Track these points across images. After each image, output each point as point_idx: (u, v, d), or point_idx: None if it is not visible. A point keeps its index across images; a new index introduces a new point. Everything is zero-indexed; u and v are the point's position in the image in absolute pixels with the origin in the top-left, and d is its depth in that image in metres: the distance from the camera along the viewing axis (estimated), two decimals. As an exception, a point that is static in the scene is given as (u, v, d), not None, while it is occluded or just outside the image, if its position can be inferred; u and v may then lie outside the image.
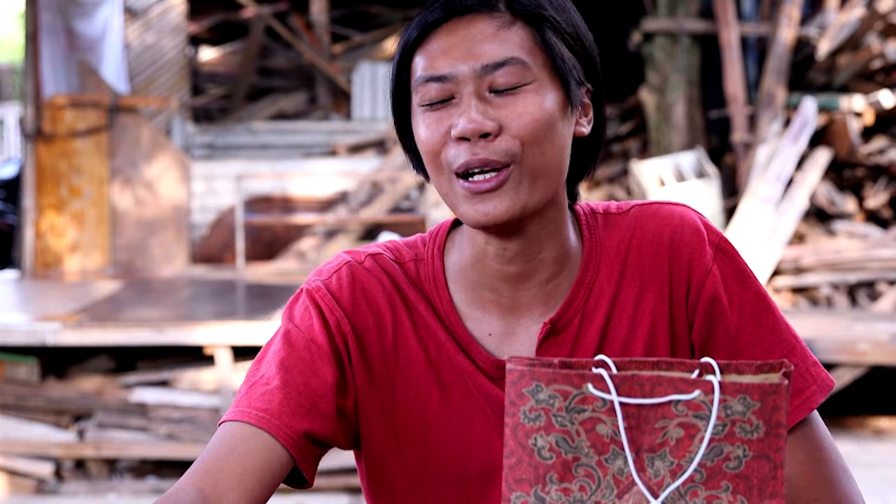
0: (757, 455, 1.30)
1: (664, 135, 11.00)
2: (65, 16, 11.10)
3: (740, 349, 1.58)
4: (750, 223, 9.16)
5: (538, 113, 1.50)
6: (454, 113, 1.51)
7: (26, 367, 6.99)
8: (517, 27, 1.52)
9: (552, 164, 1.52)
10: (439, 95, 1.52)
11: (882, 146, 10.16)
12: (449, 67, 1.51)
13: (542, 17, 1.52)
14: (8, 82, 22.35)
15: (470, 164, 1.50)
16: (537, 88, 1.51)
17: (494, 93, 1.51)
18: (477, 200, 1.51)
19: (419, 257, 1.63)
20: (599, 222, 1.62)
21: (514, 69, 1.50)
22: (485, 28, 1.51)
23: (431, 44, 1.52)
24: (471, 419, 1.59)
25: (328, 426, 1.56)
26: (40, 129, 10.66)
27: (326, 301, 1.59)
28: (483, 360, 1.58)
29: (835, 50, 10.46)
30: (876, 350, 7.29)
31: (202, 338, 6.80)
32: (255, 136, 12.57)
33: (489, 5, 1.52)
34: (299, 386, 1.55)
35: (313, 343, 1.57)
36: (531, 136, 1.50)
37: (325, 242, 10.77)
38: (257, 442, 1.51)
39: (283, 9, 14.36)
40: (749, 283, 1.60)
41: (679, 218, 1.61)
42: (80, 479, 6.87)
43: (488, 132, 1.49)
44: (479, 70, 1.50)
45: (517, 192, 1.50)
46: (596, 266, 1.59)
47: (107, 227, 10.80)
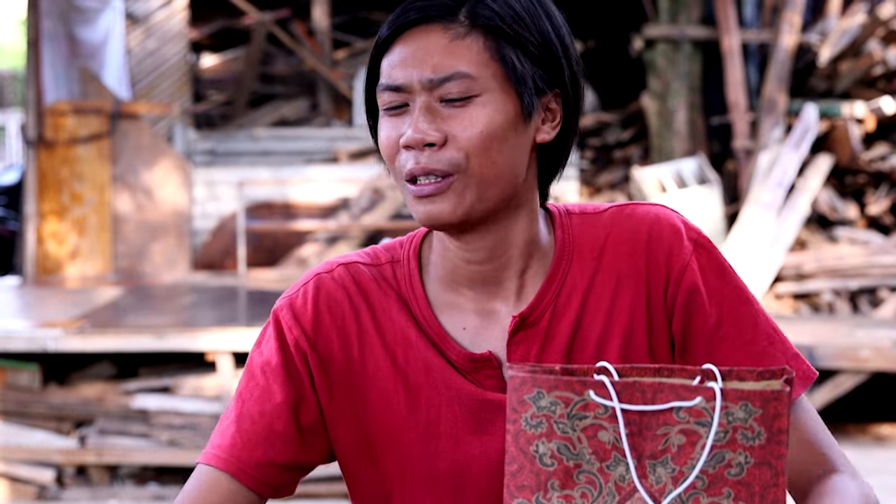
0: (758, 462, 1.30)
1: (666, 141, 11.00)
2: (66, 22, 11.11)
3: (719, 340, 1.59)
4: (751, 229, 9.16)
5: (484, 125, 1.53)
6: (406, 121, 1.56)
7: (28, 373, 6.99)
8: (471, 39, 1.54)
9: (501, 172, 1.55)
10: (395, 103, 1.56)
11: (883, 152, 10.17)
12: (403, 78, 1.55)
13: (498, 29, 1.54)
14: (10, 89, 22.38)
15: (413, 172, 1.54)
16: (486, 101, 1.54)
17: (445, 104, 1.54)
18: (422, 203, 1.55)
19: (395, 259, 1.66)
20: (574, 221, 1.64)
21: (461, 83, 1.53)
22: (438, 39, 1.54)
23: (393, 51, 1.57)
24: (437, 420, 1.60)
25: (288, 447, 1.61)
26: (42, 136, 10.67)
27: (286, 320, 1.63)
28: (455, 354, 1.60)
29: (836, 56, 10.47)
30: (877, 356, 7.28)
31: (204, 344, 6.80)
32: (257, 143, 12.57)
33: (448, 15, 1.55)
34: (254, 415, 1.61)
35: (268, 366, 1.63)
36: (477, 147, 1.53)
37: (326, 249, 10.77)
38: (219, 482, 1.61)
39: (285, 15, 14.37)
40: (728, 276, 1.62)
41: (655, 216, 1.63)
42: (82, 485, 6.87)
43: (433, 142, 1.53)
44: (426, 82, 1.54)
45: (461, 197, 1.54)
46: (568, 263, 1.62)
47: (108, 234, 10.81)
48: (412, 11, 1.56)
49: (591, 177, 11.98)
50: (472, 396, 1.59)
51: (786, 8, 10.47)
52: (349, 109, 13.60)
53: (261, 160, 12.21)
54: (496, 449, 1.57)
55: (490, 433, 1.59)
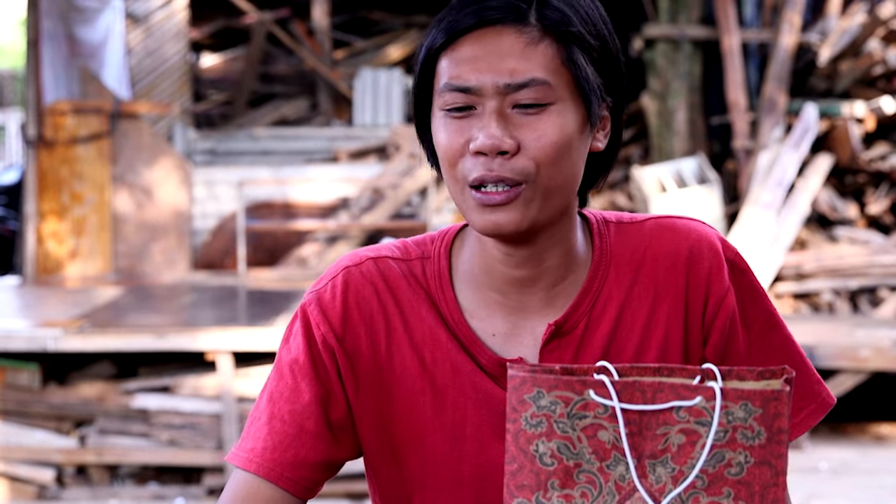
0: (758, 461, 1.30)
1: (666, 141, 11.00)
2: (66, 22, 11.10)
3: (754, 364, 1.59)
4: (751, 229, 9.16)
5: (557, 135, 1.50)
6: (475, 125, 1.51)
7: (27, 373, 6.99)
8: (545, 44, 1.51)
9: (565, 182, 1.53)
10: (460, 104, 1.52)
11: (883, 152, 10.16)
12: (474, 79, 1.50)
13: (571, 35, 1.51)
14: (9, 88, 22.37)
15: (485, 180, 1.51)
16: (559, 109, 1.51)
17: (517, 110, 1.51)
18: (488, 211, 1.51)
19: (426, 255, 1.63)
20: (612, 231, 1.62)
21: (538, 89, 1.50)
22: (513, 43, 1.50)
23: (459, 50, 1.52)
24: (463, 423, 1.59)
25: (319, 445, 1.60)
26: (42, 136, 10.66)
27: (314, 316, 1.61)
28: (486, 359, 1.58)
29: (836, 56, 10.47)
30: (877, 356, 7.28)
31: (204, 344, 6.80)
32: (257, 143, 12.57)
33: (520, 18, 1.51)
34: (284, 415, 1.60)
35: (296, 364, 1.61)
36: (549, 157, 1.51)
37: (326, 248, 10.77)
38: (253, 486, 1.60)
39: (285, 15, 14.37)
40: (759, 300, 1.62)
41: (697, 234, 1.61)
42: (82, 485, 6.87)
43: (506, 150, 1.50)
44: (503, 87, 1.50)
45: (528, 207, 1.51)
46: (605, 273, 1.60)
47: (108, 234, 10.80)
48: (480, 11, 1.51)
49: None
50: (501, 402, 1.57)
51: (786, 7, 10.46)
52: (349, 109, 13.59)
53: (261, 160, 12.21)
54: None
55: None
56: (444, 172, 1.55)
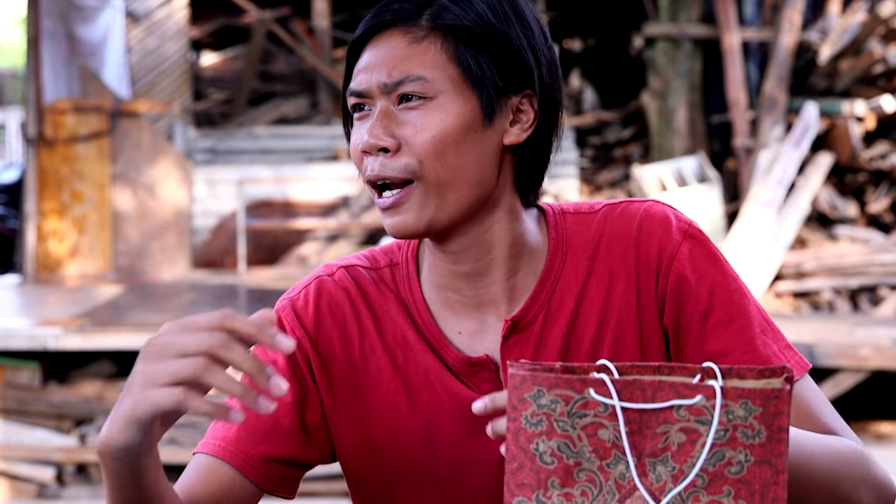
0: (759, 460, 1.30)
1: (666, 139, 11.01)
2: (66, 21, 11.11)
3: (710, 328, 1.58)
4: (752, 228, 9.16)
5: (437, 129, 1.52)
6: (368, 125, 1.55)
7: (28, 371, 6.99)
8: (428, 41, 1.53)
9: (461, 177, 1.54)
10: (359, 107, 1.57)
11: (884, 151, 10.17)
12: (364, 83, 1.55)
13: (458, 30, 1.53)
14: (10, 87, 22.38)
15: (370, 179, 1.55)
16: (440, 104, 1.52)
17: (401, 108, 1.53)
18: (386, 215, 1.55)
19: (394, 262, 1.66)
20: (568, 221, 1.63)
21: (415, 85, 1.52)
22: (397, 43, 1.54)
23: (362, 57, 1.57)
24: (437, 422, 1.60)
25: (291, 443, 1.61)
26: (42, 134, 10.67)
27: (289, 320, 1.63)
28: (452, 358, 1.60)
29: (836, 55, 10.47)
30: (877, 355, 7.29)
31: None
32: (257, 141, 12.58)
33: (410, 19, 1.55)
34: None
35: (274, 365, 1.62)
36: (429, 152, 1.52)
37: (326, 247, 10.78)
38: (221, 473, 1.60)
39: (285, 13, 14.37)
40: (719, 265, 1.60)
41: (646, 212, 1.61)
42: (82, 483, 6.87)
43: (386, 147, 1.53)
44: (383, 86, 1.53)
45: (423, 207, 1.53)
46: (561, 264, 1.61)
47: (108, 232, 10.81)
48: (376, 17, 1.57)
49: (592, 175, 11.98)
50: (468, 401, 1.57)
51: (786, 6, 10.47)
52: (349, 108, 13.58)
53: (261, 158, 12.21)
54: (495, 452, 1.55)
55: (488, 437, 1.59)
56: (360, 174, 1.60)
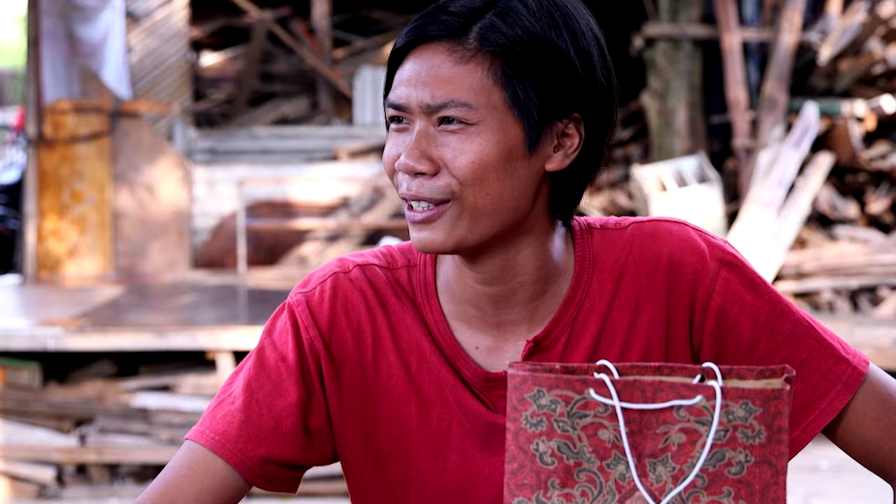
0: (759, 461, 1.30)
1: (666, 140, 11.00)
2: (66, 21, 11.10)
3: (759, 360, 1.55)
4: (752, 228, 9.16)
5: (477, 155, 1.47)
6: (407, 140, 1.51)
7: (28, 372, 6.99)
8: (475, 63, 1.48)
9: (497, 203, 1.49)
10: (397, 118, 1.53)
11: (884, 151, 10.16)
12: (404, 97, 1.50)
13: (506, 54, 1.47)
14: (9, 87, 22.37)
15: (405, 197, 1.51)
16: (482, 130, 1.48)
17: (441, 129, 1.49)
18: (416, 229, 1.52)
19: (412, 263, 1.62)
20: (595, 238, 1.59)
21: (457, 110, 1.48)
22: (443, 61, 1.49)
23: (404, 65, 1.52)
24: (448, 435, 1.57)
25: (291, 447, 1.58)
26: (42, 134, 10.66)
27: (304, 318, 1.60)
28: (470, 372, 1.57)
29: (836, 55, 10.46)
30: (878, 355, 7.28)
31: (204, 343, 6.80)
32: (257, 141, 12.57)
33: (456, 35, 1.49)
34: (262, 408, 1.57)
35: (283, 362, 1.59)
36: (469, 177, 1.48)
37: (326, 247, 10.77)
38: (214, 466, 1.56)
39: (285, 14, 14.36)
40: (761, 290, 1.56)
41: (678, 238, 1.57)
42: (82, 484, 6.87)
43: (423, 171, 1.49)
44: (425, 107, 1.49)
45: (454, 226, 1.49)
46: (587, 283, 1.57)
47: (108, 232, 10.80)
48: (421, 27, 1.51)
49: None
50: (481, 418, 1.56)
51: (786, 7, 10.46)
52: (349, 108, 13.59)
53: (261, 159, 12.21)
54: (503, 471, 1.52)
55: (499, 455, 1.55)
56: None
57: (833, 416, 1.56)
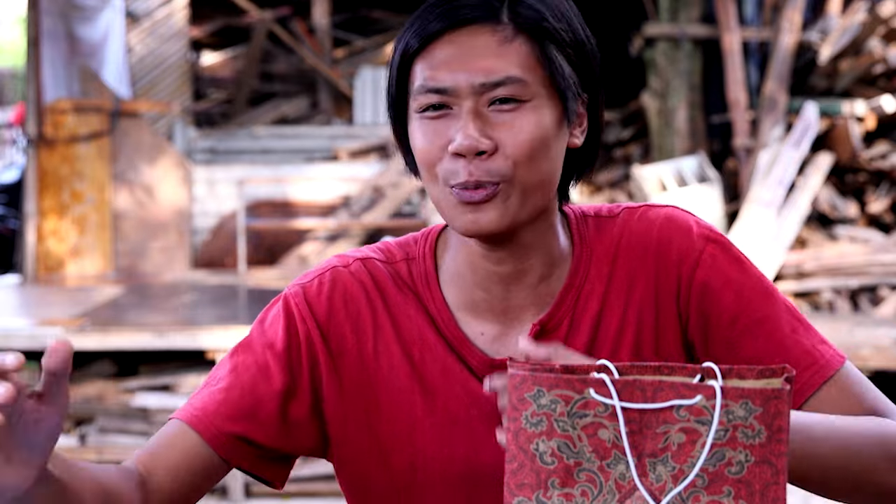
0: (759, 460, 1.30)
1: (666, 139, 11.00)
2: (66, 20, 11.10)
3: (739, 334, 1.56)
4: (752, 228, 9.16)
5: (534, 132, 1.49)
6: (452, 125, 1.50)
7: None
8: (518, 42, 1.50)
9: (543, 179, 1.52)
10: (437, 104, 1.51)
11: (884, 151, 10.16)
12: (449, 80, 1.49)
13: (545, 31, 1.50)
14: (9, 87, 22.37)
15: (466, 184, 1.49)
16: (535, 106, 1.50)
17: (493, 109, 1.50)
18: (468, 210, 1.50)
19: (410, 256, 1.63)
20: (590, 225, 1.62)
21: (513, 87, 1.49)
22: (486, 42, 1.49)
23: (433, 52, 1.51)
24: (454, 423, 1.58)
25: (267, 431, 1.58)
26: (42, 134, 10.66)
27: (300, 309, 1.60)
28: (476, 360, 1.58)
29: (837, 55, 10.46)
30: (878, 355, 7.28)
31: (204, 342, 6.80)
32: (257, 141, 12.57)
33: (493, 16, 1.50)
34: (244, 390, 1.58)
35: (271, 348, 1.59)
36: (525, 155, 1.49)
37: (326, 247, 10.77)
38: (190, 440, 1.58)
39: (285, 14, 14.37)
40: (746, 268, 1.59)
41: (665, 217, 1.60)
42: (82, 483, 6.87)
43: (484, 150, 1.49)
44: (478, 86, 1.49)
45: (507, 205, 1.50)
46: (586, 269, 1.59)
47: (108, 232, 10.81)
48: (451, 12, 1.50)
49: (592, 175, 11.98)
50: (490, 403, 1.55)
51: (786, 6, 10.46)
52: (349, 108, 13.59)
53: (261, 158, 12.22)
54: None
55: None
56: (424, 175, 1.55)
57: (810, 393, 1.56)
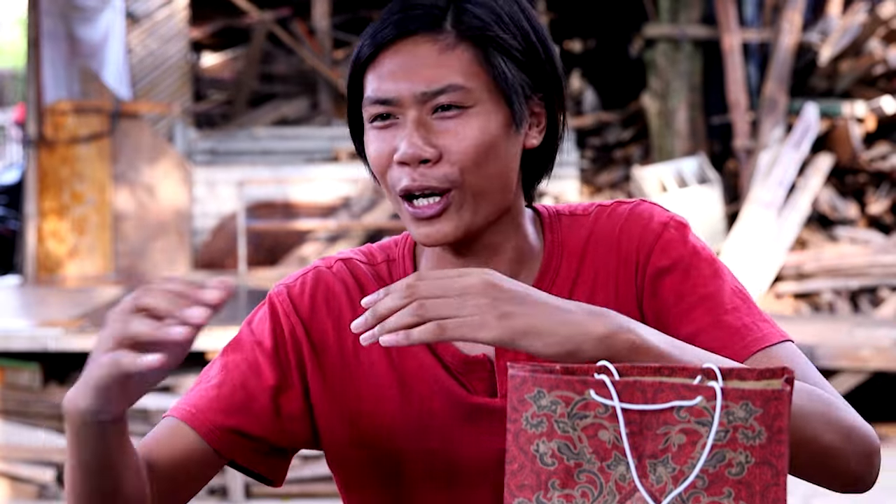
0: (759, 461, 1.30)
1: (666, 140, 11.01)
2: (67, 21, 11.11)
3: (684, 311, 1.57)
4: (752, 229, 9.16)
5: (478, 138, 1.52)
6: (398, 135, 1.53)
7: (28, 372, 6.99)
8: (460, 49, 1.53)
9: (495, 184, 1.54)
10: (384, 114, 1.55)
11: (884, 152, 10.17)
12: (393, 90, 1.53)
13: (487, 38, 1.53)
14: (10, 88, 22.38)
15: (409, 189, 1.53)
16: (479, 112, 1.53)
17: (437, 117, 1.53)
18: (421, 224, 1.54)
19: (391, 258, 1.66)
20: (563, 223, 1.64)
21: (454, 95, 1.52)
22: (428, 51, 1.53)
23: (381, 63, 1.54)
24: (430, 419, 1.60)
25: (262, 424, 1.61)
26: (42, 135, 10.67)
27: (285, 306, 1.64)
28: (449, 355, 1.60)
29: (837, 56, 10.47)
30: (878, 356, 7.28)
31: (204, 343, 6.80)
32: (257, 142, 12.57)
33: (435, 26, 1.53)
34: (236, 385, 1.61)
35: (259, 346, 1.63)
36: (471, 161, 1.52)
37: (327, 248, 10.78)
38: (184, 436, 1.59)
39: (285, 14, 14.37)
40: (698, 249, 1.60)
41: (630, 211, 1.62)
42: (82, 484, 6.87)
43: (427, 158, 1.52)
44: (420, 95, 1.52)
45: (460, 215, 1.53)
46: (556, 266, 1.61)
47: (108, 233, 10.81)
48: (398, 23, 1.54)
49: (592, 176, 11.98)
50: (461, 400, 1.59)
51: (786, 7, 10.47)
52: (350, 109, 13.58)
53: (261, 159, 12.21)
54: (489, 449, 1.57)
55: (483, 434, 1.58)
56: (380, 184, 1.58)
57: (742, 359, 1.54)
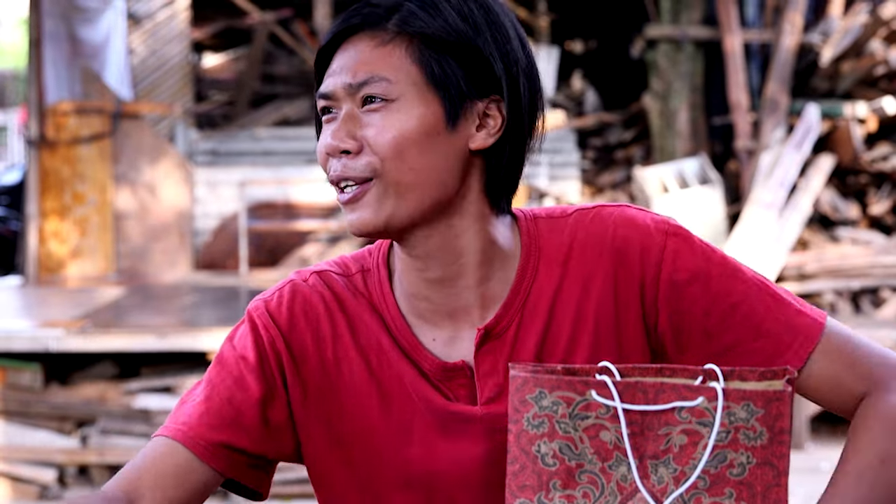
0: (760, 462, 1.30)
1: (667, 141, 11.00)
2: (68, 22, 11.11)
3: (715, 323, 1.55)
4: (753, 230, 9.16)
5: (398, 130, 1.53)
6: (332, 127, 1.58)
7: (29, 373, 6.99)
8: (394, 44, 1.55)
9: (422, 178, 1.54)
10: (327, 110, 1.58)
11: (885, 152, 10.16)
12: (330, 85, 1.57)
13: (423, 35, 1.54)
14: (11, 88, 22.38)
15: (332, 179, 1.57)
16: (402, 106, 1.54)
17: (364, 109, 1.55)
18: (346, 211, 1.57)
19: (366, 268, 1.67)
20: (540, 226, 1.63)
21: (377, 86, 1.54)
22: (365, 47, 1.56)
23: (332, 61, 1.59)
24: (410, 426, 1.60)
25: (252, 437, 1.62)
26: (44, 136, 10.67)
27: (263, 320, 1.64)
28: (428, 364, 1.60)
29: (838, 56, 10.47)
30: (879, 357, 7.27)
31: (205, 344, 6.80)
32: (259, 143, 12.57)
33: (377, 24, 1.56)
34: (222, 400, 1.62)
35: (242, 360, 1.63)
36: (390, 153, 1.53)
37: (328, 249, 10.77)
38: (176, 454, 1.60)
39: (287, 15, 14.37)
40: (709, 254, 1.59)
41: (620, 217, 1.60)
42: (83, 485, 6.87)
43: (347, 150, 1.55)
44: (347, 87, 1.55)
45: (380, 204, 1.54)
46: (534, 270, 1.60)
47: (110, 234, 10.81)
48: (344, 22, 1.58)
49: (593, 177, 11.98)
50: (441, 408, 1.59)
51: (788, 8, 10.46)
52: (351, 109, 13.58)
53: (262, 160, 12.21)
54: (469, 458, 1.57)
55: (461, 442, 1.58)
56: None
57: (799, 366, 1.54)
